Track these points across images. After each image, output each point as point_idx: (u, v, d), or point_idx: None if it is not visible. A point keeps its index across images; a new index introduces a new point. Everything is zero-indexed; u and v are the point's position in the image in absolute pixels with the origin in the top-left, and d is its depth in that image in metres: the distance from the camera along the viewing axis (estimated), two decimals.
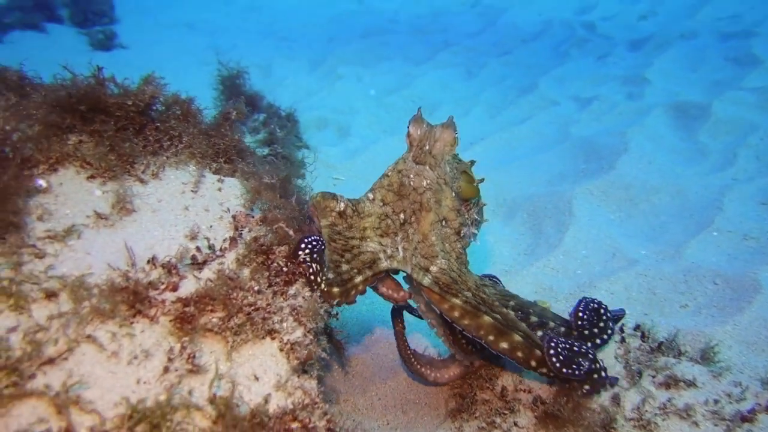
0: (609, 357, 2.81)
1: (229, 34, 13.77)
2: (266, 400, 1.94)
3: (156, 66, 3.42)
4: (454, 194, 2.55)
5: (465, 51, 12.32)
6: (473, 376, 2.89)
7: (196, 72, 8.59)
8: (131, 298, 1.99)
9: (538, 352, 2.43)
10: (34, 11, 11.71)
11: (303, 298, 2.23)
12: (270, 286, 2.22)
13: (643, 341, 2.87)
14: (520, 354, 2.40)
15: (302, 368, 2.09)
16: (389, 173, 2.58)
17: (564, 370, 2.42)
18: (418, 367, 2.98)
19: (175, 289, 2.12)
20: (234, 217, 2.57)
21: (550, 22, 13.47)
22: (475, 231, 2.77)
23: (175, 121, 2.98)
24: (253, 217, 2.60)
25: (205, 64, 7.74)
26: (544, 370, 2.46)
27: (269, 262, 2.29)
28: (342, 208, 2.53)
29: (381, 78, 11.19)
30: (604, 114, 8.32)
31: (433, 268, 2.44)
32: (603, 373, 2.57)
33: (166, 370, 1.90)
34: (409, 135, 2.59)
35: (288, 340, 2.11)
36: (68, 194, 2.53)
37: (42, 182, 2.52)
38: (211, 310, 2.07)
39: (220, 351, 2.04)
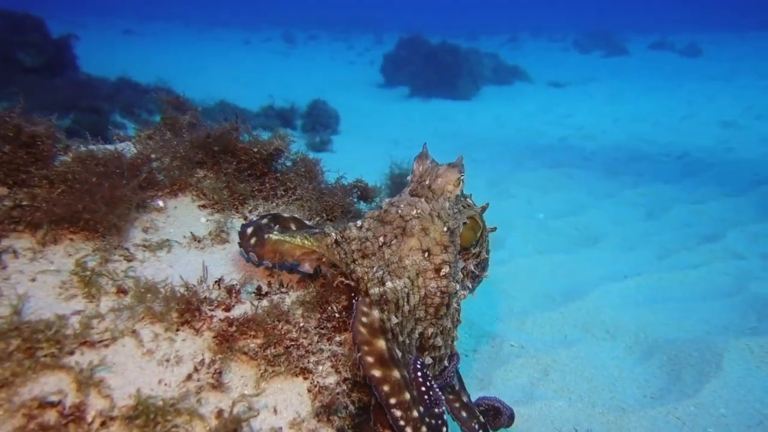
0: None
1: (416, 145, 14.47)
2: None
3: (350, 166, 3.71)
4: (446, 230, 2.31)
5: (653, 194, 11.61)
6: None
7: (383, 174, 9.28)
8: (182, 307, 2.07)
9: (407, 395, 1.97)
10: (275, 119, 14.58)
11: (349, 348, 2.16)
12: (318, 327, 2.19)
13: None
14: (376, 371, 1.96)
15: (325, 413, 1.99)
16: (383, 205, 2.41)
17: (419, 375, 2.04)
18: None
19: (228, 309, 2.18)
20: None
21: (765, 182, 12.31)
22: (470, 285, 2.53)
23: (294, 175, 3.17)
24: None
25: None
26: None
27: (326, 306, 2.27)
28: (335, 238, 2.37)
29: (553, 205, 10.96)
30: None
31: (389, 284, 2.16)
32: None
33: (189, 377, 1.92)
34: (412, 171, 2.45)
35: (319, 383, 2.04)
36: (178, 216, 2.76)
37: (161, 202, 2.78)
38: (253, 336, 2.08)
39: (251, 377, 2.03)
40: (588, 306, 6.08)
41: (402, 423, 1.91)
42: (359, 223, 2.37)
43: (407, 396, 1.96)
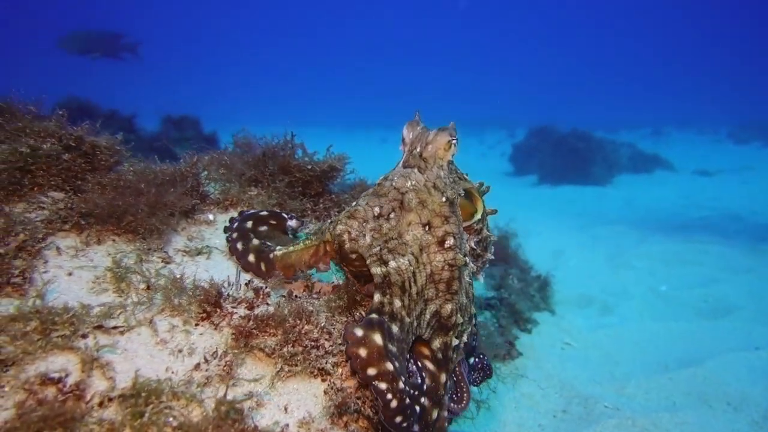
0: None
1: (535, 222, 13.59)
2: (282, 430, 1.69)
3: None
4: (445, 200, 2.13)
5: None
6: None
7: None
8: (201, 297, 1.99)
9: (388, 365, 1.77)
10: None
11: None
12: None
13: None
14: (361, 353, 1.77)
15: (338, 413, 1.79)
16: (378, 180, 2.27)
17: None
18: None
19: (251, 307, 2.07)
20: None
21: None
22: (472, 264, 2.31)
23: (350, 197, 3.10)
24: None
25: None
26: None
27: (353, 311, 2.11)
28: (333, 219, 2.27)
29: (680, 278, 9.91)
30: None
31: (392, 264, 1.99)
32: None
33: (197, 367, 1.81)
34: (402, 140, 2.27)
35: (336, 385, 1.86)
36: None
37: (211, 216, 2.78)
38: (272, 334, 1.95)
39: (266, 374, 1.88)
40: (706, 374, 5.39)
41: (389, 396, 1.73)
42: (355, 202, 2.27)
43: (389, 366, 1.76)
